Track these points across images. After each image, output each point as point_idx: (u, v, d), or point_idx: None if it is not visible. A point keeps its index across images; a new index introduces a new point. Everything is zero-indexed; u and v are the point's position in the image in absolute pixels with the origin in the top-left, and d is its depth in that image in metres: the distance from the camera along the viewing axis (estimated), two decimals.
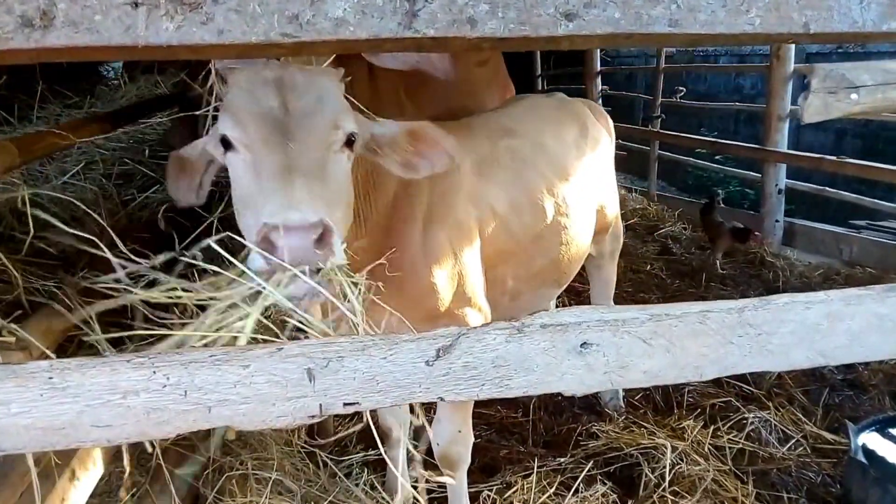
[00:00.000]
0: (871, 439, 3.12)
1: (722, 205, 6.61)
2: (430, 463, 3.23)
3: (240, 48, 1.15)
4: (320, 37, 1.15)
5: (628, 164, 9.19)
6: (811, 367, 1.56)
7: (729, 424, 3.53)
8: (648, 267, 6.08)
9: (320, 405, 1.25)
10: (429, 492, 3.07)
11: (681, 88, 8.81)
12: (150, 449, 1.60)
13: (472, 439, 2.71)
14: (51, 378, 1.11)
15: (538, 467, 3.14)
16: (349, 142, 1.79)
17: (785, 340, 1.47)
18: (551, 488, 3.00)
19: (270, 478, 2.75)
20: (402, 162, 1.96)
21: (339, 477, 3.02)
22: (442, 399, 1.32)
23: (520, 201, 2.63)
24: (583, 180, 3.02)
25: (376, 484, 3.02)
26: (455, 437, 2.62)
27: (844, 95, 1.47)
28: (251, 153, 1.68)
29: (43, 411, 1.12)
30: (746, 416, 3.58)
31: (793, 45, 6.34)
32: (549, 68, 13.12)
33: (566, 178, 2.89)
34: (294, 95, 1.70)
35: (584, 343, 1.33)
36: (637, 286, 5.56)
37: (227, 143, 1.72)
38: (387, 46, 1.23)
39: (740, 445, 3.38)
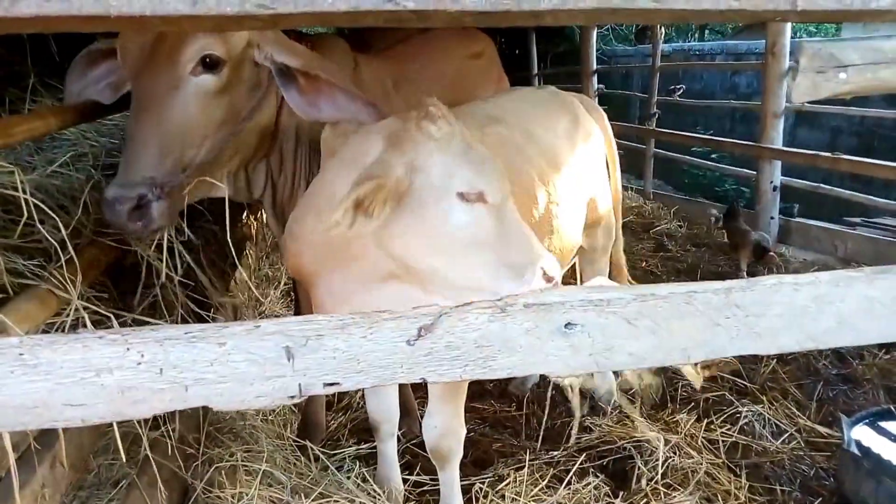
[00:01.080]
0: (864, 433, 3.11)
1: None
2: (422, 455, 3.22)
3: (214, 20, 1.12)
4: (297, 8, 1.13)
5: (624, 163, 9.16)
6: (800, 351, 1.54)
7: (722, 418, 3.51)
8: (644, 264, 6.08)
9: (300, 385, 1.23)
10: (421, 484, 3.06)
11: (679, 87, 8.79)
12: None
13: (464, 433, 2.68)
14: (21, 354, 1.09)
15: (531, 460, 3.13)
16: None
17: (773, 323, 1.45)
18: (543, 481, 2.98)
19: (260, 469, 2.72)
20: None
21: (331, 470, 3.00)
22: (424, 380, 1.30)
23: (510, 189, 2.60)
24: (574, 171, 3.00)
25: (368, 477, 2.99)
26: (446, 430, 2.60)
27: (833, 74, 1.45)
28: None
29: (14, 389, 1.10)
30: (740, 409, 3.57)
31: (787, 42, 6.34)
32: (546, 67, 13.11)
33: (557, 167, 2.87)
34: None
35: (569, 323, 1.31)
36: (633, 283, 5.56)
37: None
38: (367, 20, 1.21)
39: (734, 439, 3.36)
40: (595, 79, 10.04)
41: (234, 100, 2.25)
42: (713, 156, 8.90)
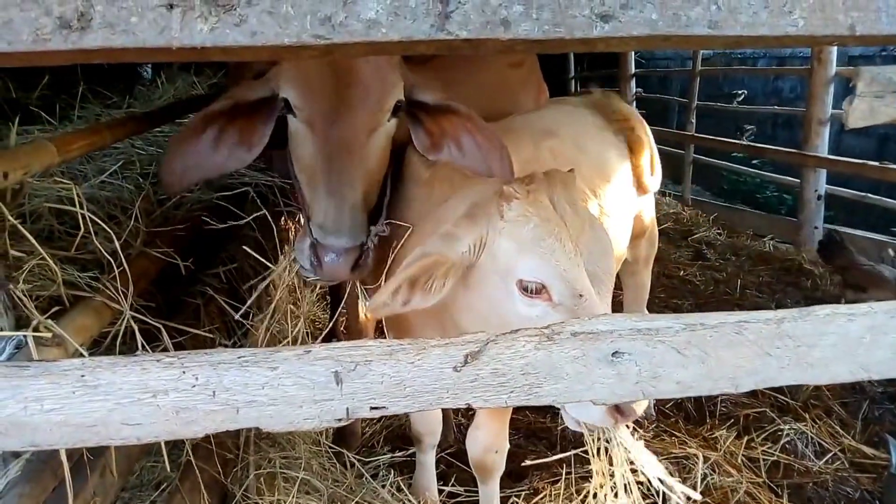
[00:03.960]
0: None
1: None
2: (456, 465, 3.23)
3: (272, 50, 1.15)
4: (352, 38, 1.15)
5: (662, 168, 9.03)
6: (852, 381, 1.52)
7: (763, 436, 3.45)
8: (682, 272, 5.98)
9: (347, 409, 1.24)
10: (455, 495, 3.06)
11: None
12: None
13: (508, 447, 2.67)
14: (83, 376, 1.12)
15: (566, 474, 3.10)
16: None
17: (825, 353, 1.42)
18: (579, 496, 2.96)
19: (298, 477, 2.76)
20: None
21: (366, 478, 3.03)
22: (470, 406, 1.31)
23: None
24: (622, 182, 2.98)
25: (402, 486, 3.01)
26: (492, 444, 2.59)
27: (893, 99, 1.41)
28: None
29: (75, 408, 1.14)
30: (782, 427, 3.49)
31: (835, 48, 6.19)
32: (583, 70, 13.02)
33: (607, 179, 2.85)
34: None
35: (616, 352, 1.30)
36: (670, 292, 5.47)
37: None
38: (419, 48, 1.22)
39: (775, 458, 3.29)
40: (633, 82, 9.94)
41: (398, 140, 2.24)
42: (754, 162, 8.72)
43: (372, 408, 1.26)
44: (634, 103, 9.68)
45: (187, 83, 5.17)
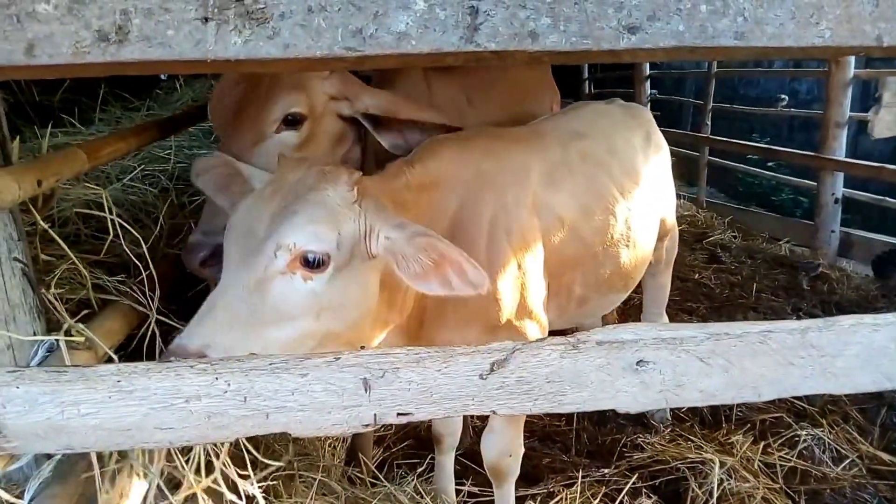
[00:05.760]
0: None
1: None
2: (470, 467, 3.24)
3: (304, 62, 1.17)
4: (383, 51, 1.17)
5: (677, 170, 8.98)
6: (875, 391, 1.52)
7: (780, 441, 3.43)
8: (697, 276, 5.95)
9: (374, 415, 1.26)
10: (469, 496, 3.08)
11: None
12: None
13: (523, 451, 2.68)
14: (119, 381, 1.15)
15: (582, 477, 3.11)
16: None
17: (849, 363, 1.43)
18: (595, 499, 2.96)
19: (316, 479, 2.78)
20: (418, 273, 1.71)
21: (383, 480, 3.05)
22: (494, 412, 1.32)
23: (591, 206, 2.59)
24: (649, 184, 2.99)
25: (420, 489, 3.02)
26: (507, 449, 2.59)
27: None
28: None
29: (110, 413, 1.16)
30: (799, 433, 3.47)
31: None
32: (597, 71, 12.98)
33: (636, 181, 2.85)
34: None
35: (641, 361, 1.31)
36: (685, 295, 5.45)
37: None
38: (448, 60, 1.24)
39: (792, 463, 3.28)
40: (648, 84, 9.90)
41: (315, 151, 2.30)
42: (769, 164, 8.66)
43: (399, 414, 1.28)
44: (649, 105, 9.65)
45: (205, 87, 5.23)
